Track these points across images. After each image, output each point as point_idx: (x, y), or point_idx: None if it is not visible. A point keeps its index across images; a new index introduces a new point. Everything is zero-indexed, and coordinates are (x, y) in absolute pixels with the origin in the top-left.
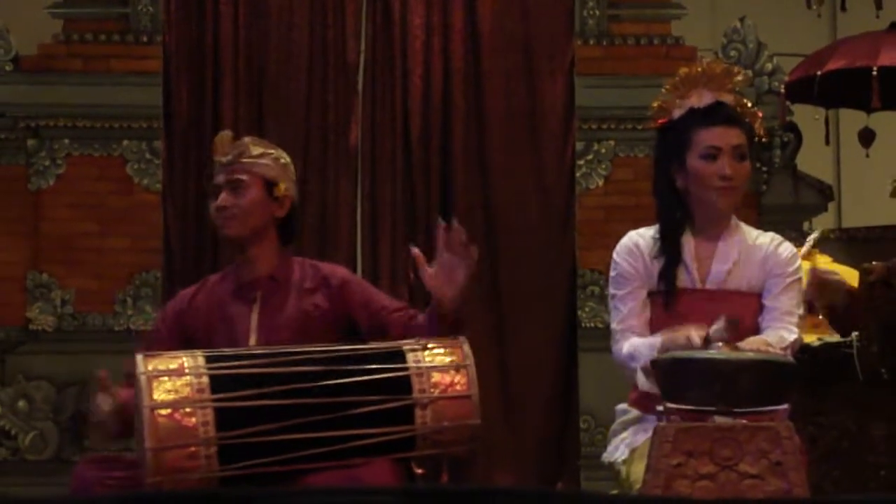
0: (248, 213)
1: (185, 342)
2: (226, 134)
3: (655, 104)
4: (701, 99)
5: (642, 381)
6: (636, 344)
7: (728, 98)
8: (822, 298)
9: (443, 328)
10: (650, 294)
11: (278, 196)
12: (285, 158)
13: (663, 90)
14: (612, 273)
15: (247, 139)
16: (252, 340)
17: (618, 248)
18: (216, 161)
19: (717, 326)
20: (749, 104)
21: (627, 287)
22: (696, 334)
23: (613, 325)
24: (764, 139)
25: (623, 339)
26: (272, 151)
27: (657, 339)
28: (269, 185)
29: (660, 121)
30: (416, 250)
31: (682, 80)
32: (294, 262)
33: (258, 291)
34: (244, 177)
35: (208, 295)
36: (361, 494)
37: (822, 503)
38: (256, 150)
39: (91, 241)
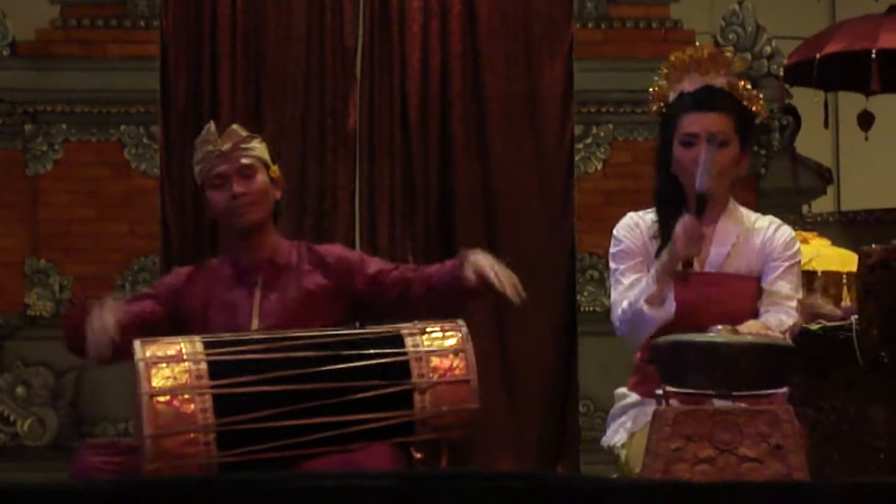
0: (261, 197)
1: (175, 320)
2: (213, 124)
3: (651, 90)
4: (692, 83)
5: (648, 311)
6: (633, 293)
7: (720, 81)
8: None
9: (454, 294)
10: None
11: (274, 178)
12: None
13: (657, 76)
14: (612, 250)
15: (235, 126)
16: (255, 324)
17: (618, 226)
18: (211, 151)
19: (699, 178)
20: (746, 86)
21: (629, 261)
22: (676, 238)
23: (614, 297)
24: (765, 121)
25: (622, 302)
26: (257, 135)
27: (651, 272)
28: (266, 167)
29: (656, 107)
30: None
31: (674, 66)
32: (290, 244)
33: (259, 275)
34: (250, 161)
35: (208, 278)
36: (361, 479)
37: (821, 486)
38: (248, 135)
39: (89, 227)
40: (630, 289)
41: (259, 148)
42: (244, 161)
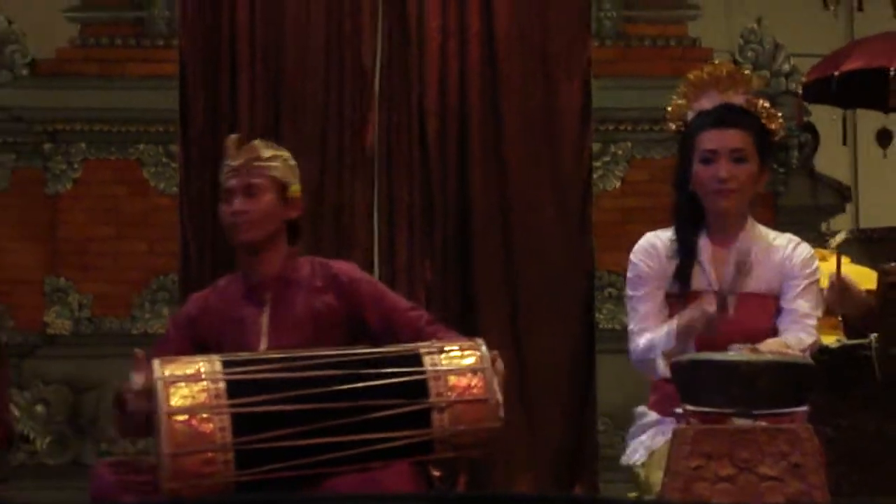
0: (264, 217)
1: (196, 347)
2: (236, 137)
3: (669, 109)
4: (710, 101)
5: (662, 369)
6: (652, 335)
7: (738, 99)
8: (842, 306)
9: None
10: (668, 295)
11: (290, 198)
12: (292, 160)
13: (675, 95)
14: (629, 274)
15: (256, 142)
16: (263, 342)
17: (635, 249)
18: (227, 164)
19: (726, 278)
20: (764, 104)
21: (645, 288)
22: (710, 305)
23: (631, 326)
24: (783, 139)
25: (640, 337)
26: (281, 153)
27: (672, 324)
28: (282, 187)
29: (675, 126)
30: None
31: (692, 85)
32: (303, 260)
33: (268, 292)
34: (258, 180)
35: (219, 298)
36: (382, 500)
37: None
38: (267, 153)
39: (108, 245)
40: (645, 320)
41: (277, 167)
42: (251, 179)
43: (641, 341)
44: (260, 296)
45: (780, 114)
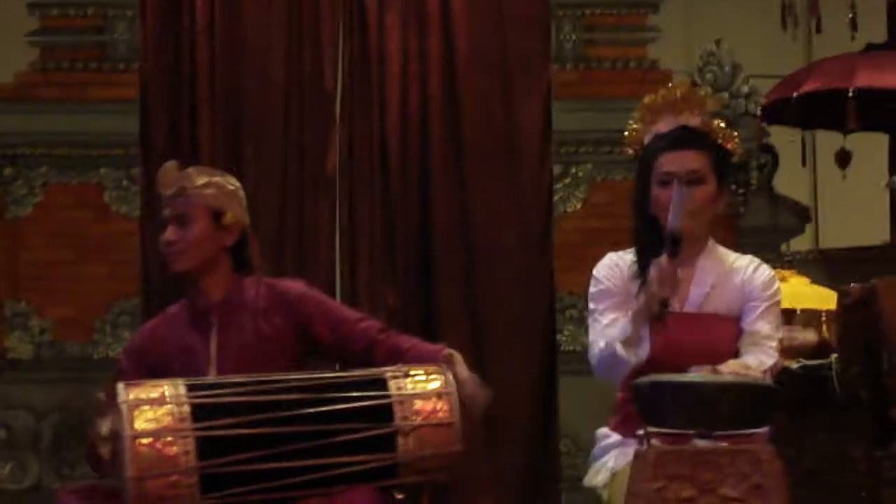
0: (194, 245)
1: (150, 377)
2: (170, 165)
3: (626, 134)
4: (667, 124)
5: (622, 352)
6: (610, 333)
7: (694, 121)
8: None
9: None
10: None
11: (225, 225)
12: (233, 185)
13: (631, 120)
14: (591, 290)
15: (191, 169)
16: (212, 369)
17: (598, 266)
18: (160, 194)
19: (671, 219)
20: (721, 124)
21: (608, 301)
22: (654, 285)
23: (591, 337)
24: (742, 158)
25: (600, 341)
26: (217, 179)
27: (628, 316)
28: (216, 214)
29: (632, 150)
30: None
31: (647, 108)
32: (249, 282)
33: (214, 317)
34: (188, 209)
35: (168, 326)
36: None
37: None
38: (200, 180)
39: (69, 270)
40: (607, 328)
41: (209, 194)
42: (181, 209)
43: (601, 343)
44: (206, 322)
45: (736, 134)
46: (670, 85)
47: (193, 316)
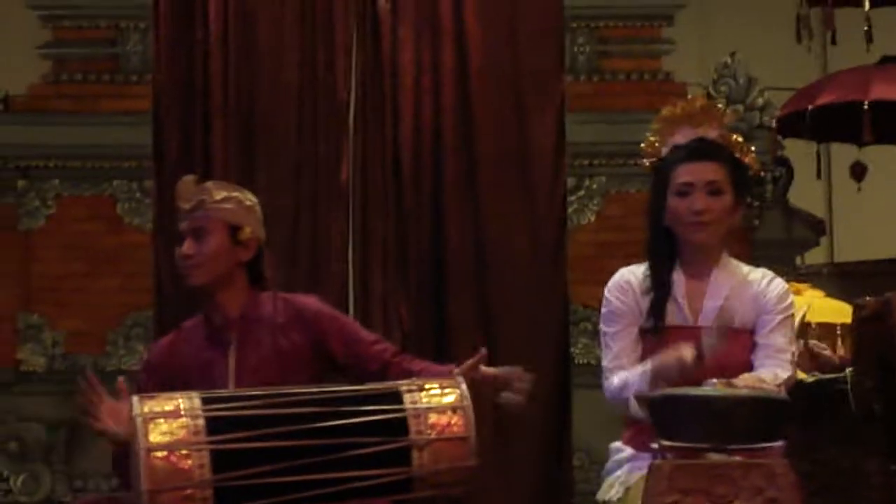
0: (211, 260)
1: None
2: (188, 179)
3: (643, 145)
4: (684, 136)
5: (635, 409)
6: (626, 374)
7: (712, 133)
8: (810, 368)
9: None
10: (642, 331)
11: (242, 240)
12: (251, 200)
13: (649, 132)
14: (603, 310)
15: (209, 183)
16: (231, 384)
17: (609, 285)
18: (179, 207)
19: (707, 337)
20: (738, 138)
21: (619, 325)
22: (687, 352)
23: (605, 363)
24: (760, 173)
25: (614, 375)
26: (236, 194)
27: (647, 366)
28: (233, 229)
29: (649, 162)
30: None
31: (665, 120)
32: (265, 297)
33: (231, 333)
34: (206, 223)
35: (185, 342)
36: None
37: None
38: (219, 195)
39: (82, 282)
40: (619, 357)
41: (227, 209)
42: (199, 222)
43: (615, 380)
44: (223, 337)
45: (753, 148)
46: (689, 97)
47: (210, 331)
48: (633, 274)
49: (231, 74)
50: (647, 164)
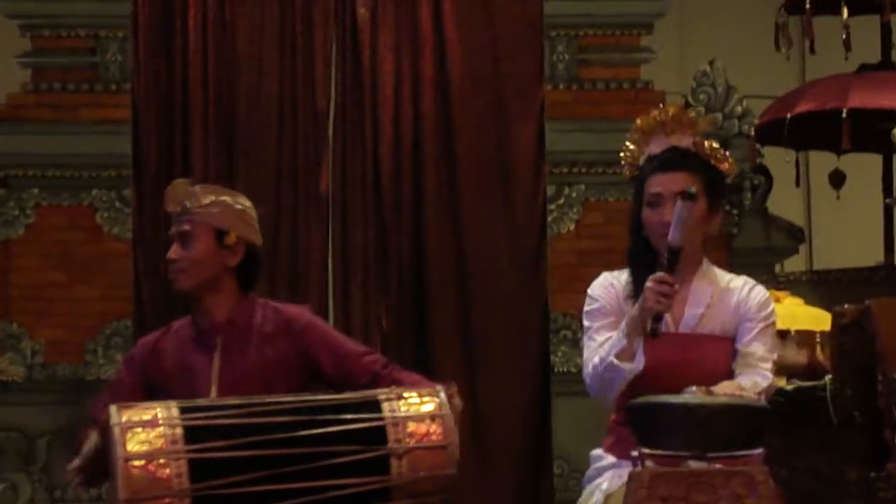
0: (197, 265)
1: (147, 390)
2: (178, 182)
3: (622, 155)
4: (658, 145)
5: (619, 363)
6: (604, 348)
7: (685, 141)
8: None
9: None
10: None
11: (229, 244)
12: (241, 204)
13: (627, 141)
14: (586, 308)
15: (197, 187)
16: (213, 390)
17: (593, 285)
18: (168, 211)
19: (672, 231)
20: (713, 144)
21: (603, 320)
22: (649, 299)
23: (586, 355)
24: (735, 179)
25: (594, 357)
26: (224, 198)
27: (621, 326)
28: (219, 234)
29: (628, 171)
30: None
31: (640, 129)
32: (255, 304)
33: (218, 337)
34: (192, 228)
35: (171, 342)
36: None
37: None
38: (206, 199)
39: (61, 291)
40: (601, 347)
41: (213, 213)
42: (184, 227)
43: (595, 358)
44: (209, 341)
45: (728, 154)
46: (661, 106)
47: (197, 334)
48: (617, 279)
49: (210, 84)
50: (627, 173)
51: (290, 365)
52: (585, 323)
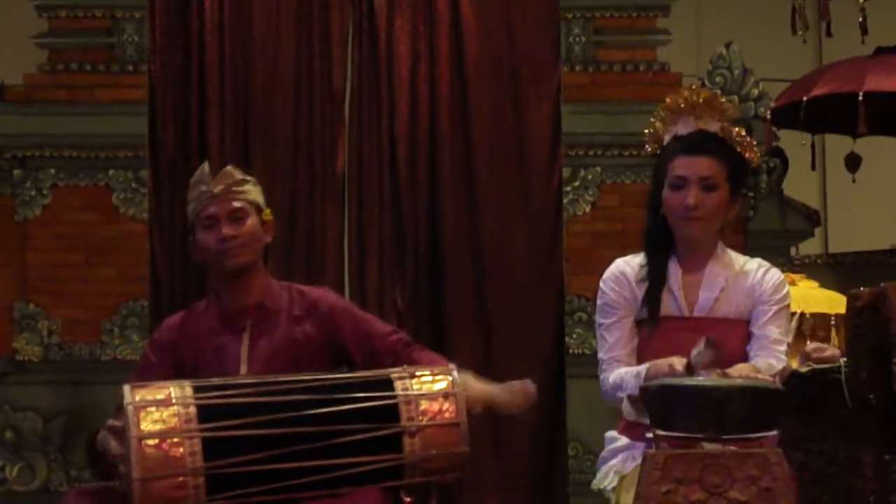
0: (251, 240)
1: (177, 372)
2: (204, 166)
3: (647, 132)
4: (685, 126)
5: (628, 411)
6: (622, 373)
7: (713, 126)
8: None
9: None
10: (638, 322)
11: (266, 221)
12: (258, 184)
13: (652, 119)
14: (598, 301)
15: (229, 168)
16: (243, 370)
17: (604, 276)
18: (204, 192)
19: (698, 350)
20: (741, 132)
21: (614, 316)
22: (677, 361)
23: (600, 355)
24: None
25: (610, 369)
26: (251, 178)
27: (643, 368)
28: (259, 210)
29: (651, 148)
30: None
31: (668, 109)
32: (280, 287)
33: (248, 320)
34: (241, 205)
35: (197, 324)
36: None
37: None
38: (241, 177)
39: (77, 272)
40: (615, 349)
41: (252, 191)
42: (235, 204)
43: (611, 377)
44: (239, 323)
45: (755, 143)
46: (693, 87)
47: (225, 316)
48: (629, 265)
49: (227, 64)
50: (649, 150)
51: (318, 347)
52: (598, 318)
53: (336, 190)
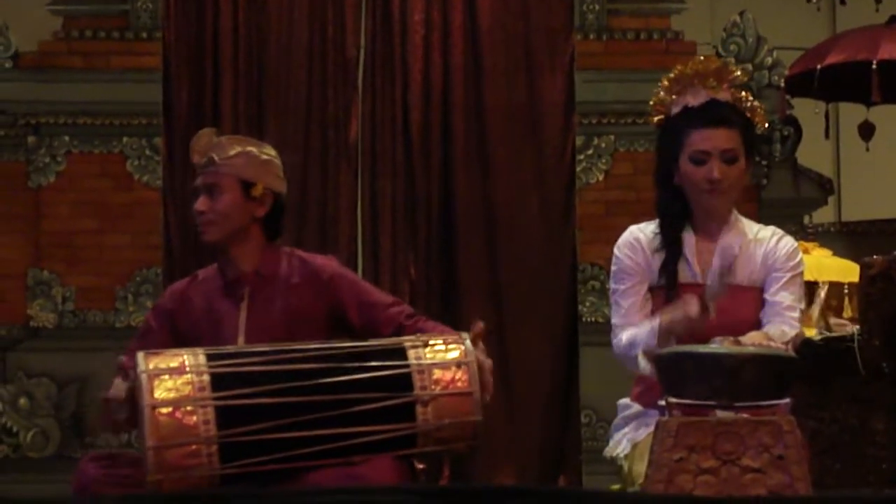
0: (224, 217)
1: (176, 339)
2: (204, 133)
3: (652, 102)
4: (696, 97)
5: (644, 366)
6: (634, 331)
7: (724, 95)
8: None
9: None
10: (651, 289)
11: (256, 196)
12: (267, 154)
13: (659, 87)
14: (612, 268)
15: (223, 138)
16: (240, 339)
17: (618, 242)
18: (193, 162)
19: (710, 282)
20: (749, 97)
21: (628, 282)
22: (692, 306)
23: (614, 321)
24: (766, 132)
25: (622, 332)
26: (250, 149)
27: (655, 322)
28: (246, 185)
29: (657, 118)
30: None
31: (677, 78)
32: (282, 255)
33: (245, 288)
34: (219, 180)
35: (199, 291)
36: (369, 494)
37: (823, 498)
38: (232, 150)
39: (91, 238)
40: (629, 315)
41: (239, 164)
42: (212, 179)
43: (624, 336)
44: (237, 291)
45: (762, 107)
46: (702, 57)
47: (225, 284)
48: (643, 232)
49: (241, 32)
50: (655, 120)
51: (316, 315)
52: (611, 284)
53: (349, 158)
